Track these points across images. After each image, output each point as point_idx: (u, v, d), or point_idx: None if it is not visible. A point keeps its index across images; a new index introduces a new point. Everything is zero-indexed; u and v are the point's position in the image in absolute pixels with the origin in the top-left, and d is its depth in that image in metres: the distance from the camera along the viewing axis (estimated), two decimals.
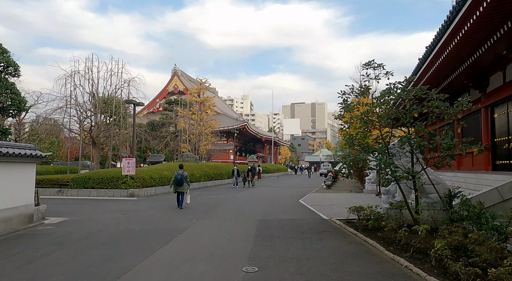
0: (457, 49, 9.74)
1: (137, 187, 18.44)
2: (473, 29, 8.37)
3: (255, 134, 67.08)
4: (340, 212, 11.93)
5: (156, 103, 77.60)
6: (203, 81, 48.56)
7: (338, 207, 13.23)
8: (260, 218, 10.78)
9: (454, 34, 8.99)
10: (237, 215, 11.82)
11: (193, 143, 42.06)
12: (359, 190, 22.01)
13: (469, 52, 10.34)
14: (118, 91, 24.02)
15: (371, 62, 7.78)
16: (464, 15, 8.17)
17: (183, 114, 43.14)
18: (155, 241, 7.63)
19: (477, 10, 7.67)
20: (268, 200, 16.83)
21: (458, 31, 8.84)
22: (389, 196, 9.82)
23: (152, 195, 19.39)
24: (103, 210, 13.13)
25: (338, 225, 9.47)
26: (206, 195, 19.64)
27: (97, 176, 18.73)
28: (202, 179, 26.75)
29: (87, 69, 22.94)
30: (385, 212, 9.16)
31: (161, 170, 22.05)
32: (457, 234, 5.92)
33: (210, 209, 13.42)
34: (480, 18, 7.74)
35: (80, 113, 23.30)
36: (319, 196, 18.16)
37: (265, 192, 22.20)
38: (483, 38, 9.23)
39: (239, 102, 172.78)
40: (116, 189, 18.31)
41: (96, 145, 23.61)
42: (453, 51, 9.79)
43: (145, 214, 12.20)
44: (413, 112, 7.58)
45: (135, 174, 18.58)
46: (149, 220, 10.79)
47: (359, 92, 7.89)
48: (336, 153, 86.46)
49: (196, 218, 11.08)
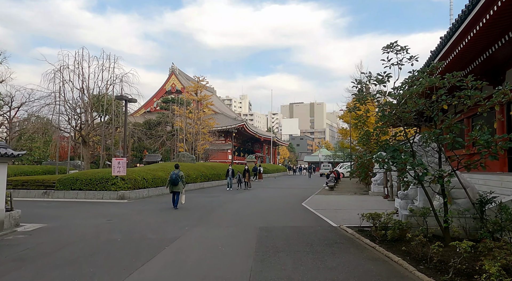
0: (474, 41, 8.54)
1: (127, 189, 17.21)
2: (492, 20, 7.21)
3: (254, 134, 65.91)
4: (349, 217, 10.75)
5: (153, 102, 76.43)
6: (201, 79, 47.30)
7: (345, 212, 12.04)
8: (261, 226, 9.59)
9: (471, 26, 7.81)
10: (235, 221, 10.62)
11: (190, 142, 40.83)
12: (364, 192, 20.84)
13: (487, 44, 9.18)
14: (110, 87, 22.73)
15: (393, 44, 6.58)
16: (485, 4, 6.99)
17: (180, 112, 41.90)
18: (136, 257, 6.42)
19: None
20: (269, 203, 15.63)
21: (475, 23, 7.68)
22: (407, 201, 8.64)
23: (145, 197, 18.16)
24: (87, 215, 11.91)
25: (350, 235, 8.27)
26: (202, 197, 18.44)
27: (85, 177, 17.49)
28: (199, 180, 25.54)
29: (77, 64, 21.71)
30: (405, 220, 7.98)
31: (155, 171, 20.83)
32: (507, 252, 4.75)
33: (205, 213, 12.21)
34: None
35: (69, 110, 22.01)
36: (323, 199, 16.98)
37: (265, 194, 21.00)
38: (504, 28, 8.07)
39: (238, 102, 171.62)
40: (106, 191, 17.08)
41: (86, 144, 22.35)
42: (469, 43, 8.59)
43: (133, 219, 10.98)
44: (442, 103, 6.40)
45: (125, 175, 17.36)
46: (136, 227, 9.58)
47: (379, 80, 6.70)
48: (335, 153, 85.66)
49: (189, 225, 9.88)
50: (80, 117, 22.40)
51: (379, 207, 13.38)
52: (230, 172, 24.43)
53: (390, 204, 14.39)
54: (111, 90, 22.80)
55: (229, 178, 24.23)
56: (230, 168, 24.80)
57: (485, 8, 6.89)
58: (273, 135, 76.47)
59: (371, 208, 13.08)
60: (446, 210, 6.68)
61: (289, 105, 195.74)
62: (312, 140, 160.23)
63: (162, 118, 46.78)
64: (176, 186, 13.56)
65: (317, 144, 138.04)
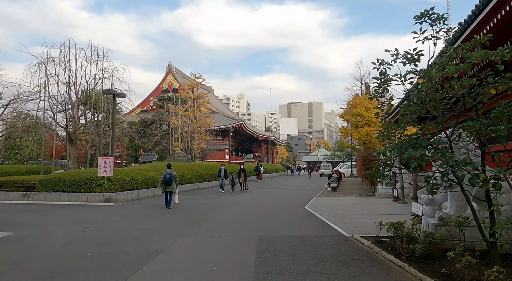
0: None
1: (115, 191, 15.82)
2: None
3: (252, 133, 64.64)
4: (361, 225, 9.42)
5: (150, 101, 75.21)
6: (197, 76, 45.81)
7: (355, 218, 10.70)
8: (261, 235, 8.24)
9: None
10: (230, 229, 9.26)
11: (186, 141, 39.44)
12: (369, 193, 19.53)
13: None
14: (98, 82, 21.25)
15: (428, 11, 5.24)
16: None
17: (176, 111, 40.49)
18: (103, 280, 5.07)
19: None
20: (268, 206, 14.28)
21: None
22: (434, 207, 7.31)
23: (134, 199, 16.77)
24: (64, 221, 10.53)
25: (368, 248, 6.93)
26: (196, 199, 17.07)
27: (69, 178, 16.08)
28: (194, 181, 24.14)
29: (63, 56, 20.25)
30: (432, 229, 6.66)
31: (146, 171, 19.44)
32: None
33: (197, 219, 10.85)
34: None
35: (54, 106, 20.55)
36: (327, 202, 15.65)
37: (264, 195, 19.65)
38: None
39: (235, 101, 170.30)
40: (90, 193, 15.68)
41: (73, 142, 20.90)
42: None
43: (115, 226, 9.61)
44: (489, 87, 5.07)
45: (113, 175, 15.96)
46: (115, 236, 8.21)
47: (410, 58, 5.36)
48: (334, 153, 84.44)
49: (177, 233, 8.52)
50: (66, 113, 20.94)
51: (391, 211, 12.07)
52: (223, 172, 21.77)
53: (403, 208, 13.08)
54: (100, 85, 21.37)
55: (221, 179, 21.60)
56: (222, 168, 22.15)
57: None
58: (271, 135, 75.18)
59: (382, 212, 11.76)
60: (493, 220, 5.34)
61: (287, 104, 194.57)
62: (310, 140, 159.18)
63: (157, 116, 45.37)
64: (170, 186, 13.50)
65: (315, 144, 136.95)
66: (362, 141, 47.97)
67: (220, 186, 21.62)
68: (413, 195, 11.01)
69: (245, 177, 21.86)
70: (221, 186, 21.58)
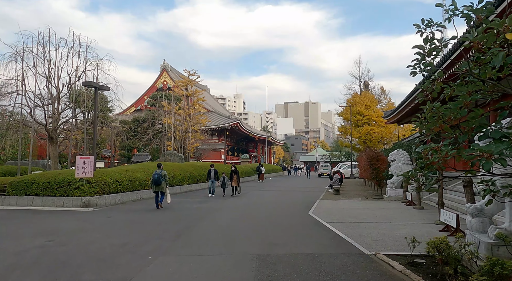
0: None
1: (95, 194, 14.10)
2: None
3: (248, 133, 63.12)
4: (381, 237, 7.79)
5: (144, 100, 73.72)
6: (191, 73, 44.03)
7: (371, 227, 9.08)
8: (260, 252, 6.60)
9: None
10: (222, 243, 7.60)
11: (179, 140, 37.71)
12: (376, 196, 17.94)
13: None
14: (81, 75, 19.41)
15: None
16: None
17: (168, 108, 38.75)
18: None
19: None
20: (268, 212, 12.64)
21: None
22: (483, 220, 5.69)
23: (117, 203, 15.07)
24: (27, 232, 8.84)
25: (402, 274, 5.29)
26: (187, 203, 15.39)
27: (43, 180, 14.33)
28: (186, 182, 22.46)
29: (41, 46, 18.46)
30: (487, 250, 5.06)
31: (133, 172, 17.71)
32: None
33: (185, 229, 9.18)
34: None
35: (31, 101, 18.73)
36: (332, 206, 14.03)
37: (262, 199, 18.00)
38: None
39: (232, 101, 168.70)
40: (67, 197, 13.95)
41: (53, 140, 19.11)
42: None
43: (84, 239, 7.93)
44: None
45: (93, 176, 14.26)
46: (78, 255, 6.53)
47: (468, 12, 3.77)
48: (332, 153, 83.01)
49: (157, 250, 6.86)
50: (45, 109, 19.15)
51: (410, 218, 10.46)
52: (213, 173, 18.80)
53: (421, 214, 11.48)
54: (83, 78, 19.57)
55: (211, 181, 18.67)
56: (212, 169, 19.14)
57: None
58: (268, 134, 73.65)
59: (401, 220, 10.16)
60: None
61: (284, 104, 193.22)
62: (307, 140, 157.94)
63: (149, 114, 43.66)
64: (159, 186, 13.34)
65: (312, 143, 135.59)
66: (362, 140, 46.47)
67: (210, 189, 18.66)
68: (438, 200, 9.41)
69: (237, 179, 18.87)
70: (210, 190, 18.61)
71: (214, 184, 18.73)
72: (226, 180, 18.53)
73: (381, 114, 44.20)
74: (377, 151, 18.41)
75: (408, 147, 17.32)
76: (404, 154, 16.10)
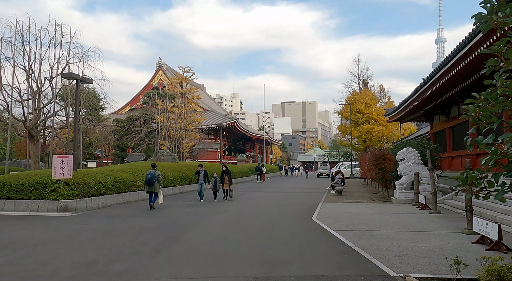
0: None
1: (74, 197, 12.67)
2: None
3: (245, 132, 61.81)
4: (404, 251, 6.43)
5: (139, 99, 72.39)
6: (187, 70, 42.46)
7: (388, 237, 7.70)
8: (258, 275, 5.22)
9: None
10: (210, 261, 6.19)
11: (173, 139, 36.27)
12: (382, 197, 16.59)
13: None
14: (65, 68, 17.87)
15: None
16: None
17: (162, 106, 37.27)
18: None
19: None
20: (266, 218, 11.25)
21: None
22: None
23: (100, 207, 13.65)
24: None
25: None
26: (178, 207, 13.98)
27: (16, 181, 12.87)
28: (178, 183, 21.06)
29: (19, 36, 16.94)
30: None
31: (119, 172, 16.26)
32: None
33: (169, 240, 7.78)
34: None
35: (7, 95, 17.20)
36: (338, 210, 12.67)
37: (260, 201, 16.62)
38: None
39: (229, 100, 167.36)
40: (43, 201, 12.51)
41: (34, 138, 17.60)
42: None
43: (44, 255, 6.52)
44: None
45: (72, 177, 12.82)
46: (28, 279, 5.14)
47: None
48: (330, 153, 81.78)
49: (129, 271, 5.47)
50: (22, 105, 17.56)
51: (430, 226, 9.10)
52: (202, 175, 16.21)
53: (441, 220, 10.12)
54: (67, 71, 18.04)
55: (200, 184, 16.15)
56: (201, 169, 16.37)
57: None
58: (265, 134, 72.33)
59: (421, 228, 8.80)
60: None
61: (281, 104, 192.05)
62: (305, 140, 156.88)
63: (143, 112, 42.19)
64: (152, 186, 13.21)
65: (310, 143, 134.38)
66: (363, 139, 45.18)
67: (199, 193, 16.11)
68: (466, 205, 8.03)
69: (229, 181, 16.35)
70: (199, 194, 16.08)
71: (204, 187, 16.16)
72: (218, 182, 16.27)
73: (382, 113, 42.93)
74: (383, 150, 17.06)
75: (418, 145, 15.99)
76: (415, 152, 14.77)
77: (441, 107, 19.31)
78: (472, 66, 10.59)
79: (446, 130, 20.15)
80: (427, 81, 14.57)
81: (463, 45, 10.09)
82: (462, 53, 10.29)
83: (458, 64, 10.99)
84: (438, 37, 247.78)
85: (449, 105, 18.95)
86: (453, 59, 11.07)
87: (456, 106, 18.41)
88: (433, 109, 19.68)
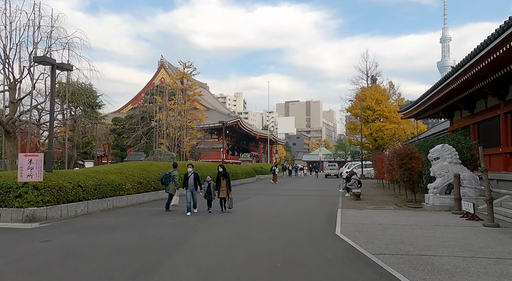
0: None
1: (44, 204, 10.47)
2: None
3: (249, 132, 59.72)
4: None
5: (140, 98, 70.77)
6: (187, 65, 40.22)
7: (454, 266, 5.41)
8: None
9: None
10: None
11: (173, 138, 34.13)
12: (410, 203, 14.26)
13: None
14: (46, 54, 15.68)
15: None
16: None
17: (161, 102, 35.16)
18: None
19: None
20: (275, 235, 8.94)
21: None
22: None
23: (78, 215, 11.45)
24: None
25: None
26: (167, 216, 11.69)
27: None
28: None
29: None
30: None
31: (105, 173, 14.04)
32: None
33: (146, 268, 5.54)
34: None
35: None
36: (363, 220, 10.36)
37: (267, 208, 14.32)
38: None
39: (232, 100, 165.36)
40: (6, 208, 10.33)
41: (10, 135, 15.46)
42: None
43: None
44: None
45: (42, 180, 10.63)
46: None
47: None
48: (336, 152, 79.25)
49: None
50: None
51: (503, 248, 6.76)
52: (191, 179, 12.20)
53: (504, 235, 7.78)
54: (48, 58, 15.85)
55: (190, 191, 12.08)
56: (190, 172, 12.24)
57: None
58: (270, 133, 70.11)
59: (492, 251, 6.49)
60: None
61: (285, 103, 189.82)
62: (309, 139, 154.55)
63: (142, 110, 40.11)
64: (167, 186, 12.76)
65: (315, 142, 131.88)
66: (373, 137, 42.77)
67: (187, 202, 11.99)
68: None
69: (228, 187, 12.10)
70: (188, 207, 11.97)
71: (195, 195, 12.21)
72: (212, 188, 12.22)
73: (394, 109, 40.55)
74: (410, 147, 14.74)
75: (454, 141, 13.67)
76: (452, 150, 12.46)
77: (464, 102, 17.19)
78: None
79: (470, 127, 17.98)
80: (454, 72, 12.57)
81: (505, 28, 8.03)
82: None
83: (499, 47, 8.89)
84: (443, 36, 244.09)
85: (474, 99, 16.84)
86: (495, 42, 8.99)
87: (483, 100, 16.28)
88: (455, 104, 17.57)
